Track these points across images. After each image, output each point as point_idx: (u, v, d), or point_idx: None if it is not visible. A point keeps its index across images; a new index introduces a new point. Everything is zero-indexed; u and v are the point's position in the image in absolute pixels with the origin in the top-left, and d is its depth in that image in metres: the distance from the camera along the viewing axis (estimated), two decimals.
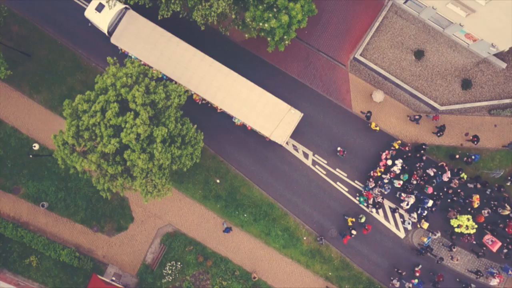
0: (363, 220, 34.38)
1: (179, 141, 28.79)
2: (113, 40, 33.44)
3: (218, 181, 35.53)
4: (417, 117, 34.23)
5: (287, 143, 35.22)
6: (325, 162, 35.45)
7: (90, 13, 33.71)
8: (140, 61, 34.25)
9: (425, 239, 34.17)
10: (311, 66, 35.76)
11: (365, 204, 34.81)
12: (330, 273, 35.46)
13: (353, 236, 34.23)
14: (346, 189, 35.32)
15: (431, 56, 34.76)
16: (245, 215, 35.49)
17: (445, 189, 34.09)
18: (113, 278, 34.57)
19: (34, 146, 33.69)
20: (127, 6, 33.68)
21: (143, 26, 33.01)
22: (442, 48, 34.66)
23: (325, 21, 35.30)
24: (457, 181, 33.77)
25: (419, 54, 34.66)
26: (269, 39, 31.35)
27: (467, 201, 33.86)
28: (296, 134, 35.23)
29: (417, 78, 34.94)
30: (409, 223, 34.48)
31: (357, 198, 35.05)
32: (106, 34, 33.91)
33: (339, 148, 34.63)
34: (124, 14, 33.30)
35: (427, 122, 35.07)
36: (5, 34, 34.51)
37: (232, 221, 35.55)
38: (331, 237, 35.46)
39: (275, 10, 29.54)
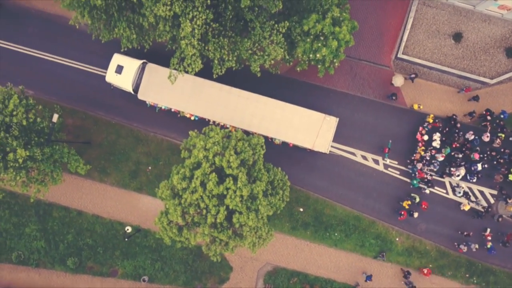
0: (417, 199, 35.42)
1: (270, 188, 29.69)
2: (140, 96, 34.15)
3: (301, 209, 36.45)
4: (413, 75, 35.33)
5: (354, 154, 36.25)
6: (396, 162, 36.38)
7: (111, 77, 34.33)
8: (171, 108, 35.12)
9: None
10: (357, 76, 36.59)
11: (420, 186, 35.71)
12: (430, 265, 36.52)
13: (415, 216, 35.31)
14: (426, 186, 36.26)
15: (469, 35, 35.62)
16: (336, 234, 36.45)
17: (488, 152, 35.22)
18: None
19: (128, 229, 34.51)
20: (144, 60, 34.26)
21: (165, 75, 33.39)
22: (477, 25, 35.53)
23: (359, 30, 35.88)
24: (499, 140, 34.92)
25: (457, 37, 35.51)
26: (319, 66, 32.06)
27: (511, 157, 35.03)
28: (362, 144, 36.23)
29: (461, 59, 35.82)
30: (459, 193, 35.59)
31: (411, 181, 35.89)
32: (132, 92, 34.50)
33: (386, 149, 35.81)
34: (144, 68, 33.97)
35: (460, 96, 36.10)
36: (62, 130, 35.10)
37: (325, 243, 36.54)
38: (421, 231, 36.49)
39: (322, 38, 30.24)
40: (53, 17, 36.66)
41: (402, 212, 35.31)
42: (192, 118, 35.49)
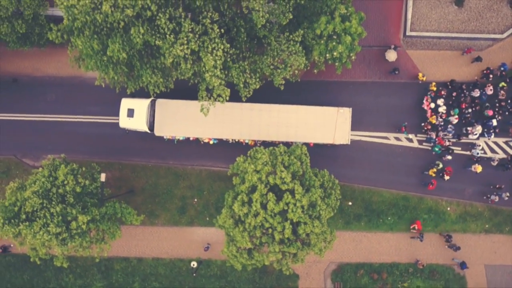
0: (440, 166, 35.97)
1: (322, 191, 30.25)
2: (157, 132, 34.73)
3: (350, 203, 37.07)
4: (392, 46, 36.29)
5: (387, 138, 36.94)
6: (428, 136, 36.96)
7: (124, 122, 34.86)
8: (188, 137, 35.64)
9: None
10: (371, 63, 37.23)
11: (441, 152, 36.19)
12: (486, 226, 37.14)
13: (446, 179, 35.67)
14: (459, 148, 36.83)
15: None
16: (389, 218, 37.07)
17: (497, 104, 35.76)
18: None
19: (193, 265, 35.03)
20: (153, 98, 34.55)
21: (176, 107, 34.28)
22: None
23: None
24: (503, 92, 35.56)
25: (459, 1, 36.11)
26: (336, 63, 32.58)
27: None
28: (391, 126, 36.87)
29: (468, 22, 36.45)
30: (477, 153, 36.17)
31: (432, 149, 36.45)
32: (148, 131, 34.93)
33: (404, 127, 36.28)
34: (154, 106, 34.52)
35: (461, 58, 36.66)
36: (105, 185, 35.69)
37: (381, 230, 37.17)
38: (469, 195, 37.12)
39: (335, 37, 30.81)
40: (66, 79, 37.33)
41: (432, 181, 35.95)
42: (211, 142, 36.11)
